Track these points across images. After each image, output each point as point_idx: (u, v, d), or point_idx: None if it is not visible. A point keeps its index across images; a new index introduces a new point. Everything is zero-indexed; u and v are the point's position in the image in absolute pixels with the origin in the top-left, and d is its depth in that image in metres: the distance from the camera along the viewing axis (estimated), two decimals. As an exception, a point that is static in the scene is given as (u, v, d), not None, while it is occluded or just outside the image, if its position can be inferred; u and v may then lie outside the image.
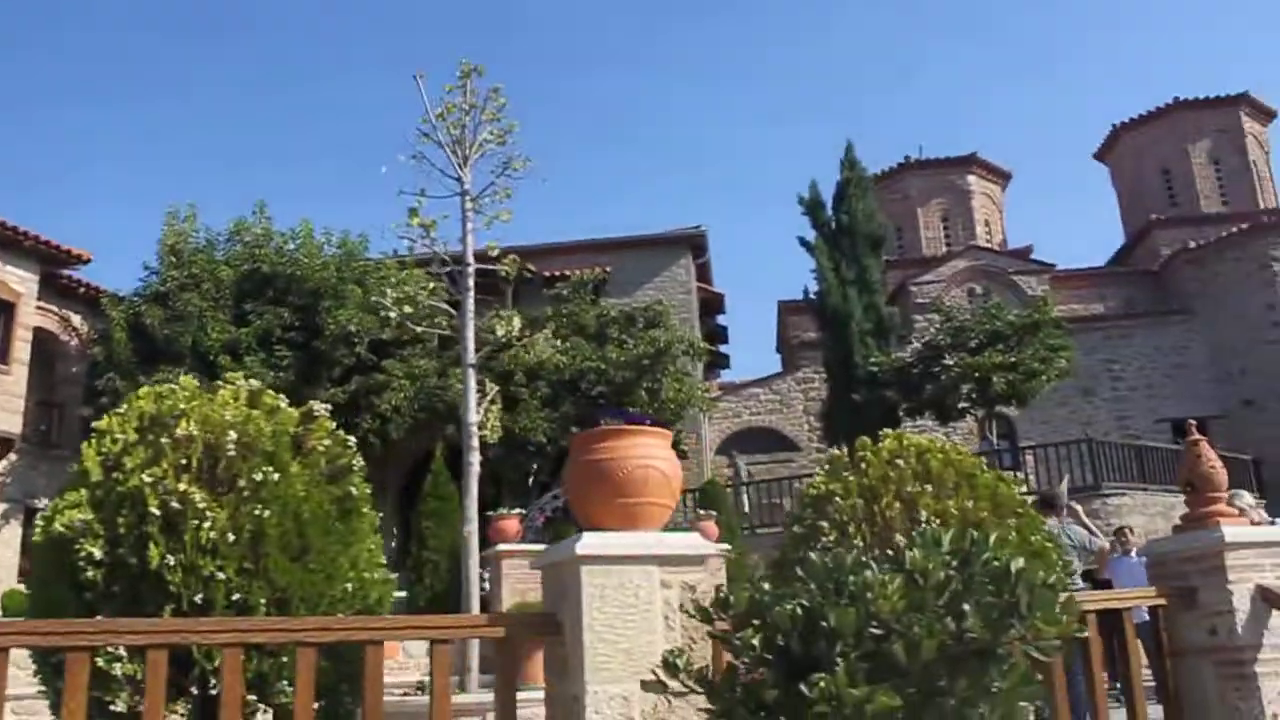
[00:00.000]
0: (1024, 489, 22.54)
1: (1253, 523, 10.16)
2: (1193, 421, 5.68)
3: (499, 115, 8.85)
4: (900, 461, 5.56)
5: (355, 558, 4.58)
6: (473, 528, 8.20)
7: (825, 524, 5.32)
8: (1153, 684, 5.80)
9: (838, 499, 5.40)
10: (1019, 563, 2.57)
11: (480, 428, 8.59)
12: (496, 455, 22.88)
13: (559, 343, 23.54)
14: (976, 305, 26.17)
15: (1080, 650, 5.07)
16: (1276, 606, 4.92)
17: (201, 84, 75.25)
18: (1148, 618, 5.78)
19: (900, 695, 2.37)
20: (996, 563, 2.56)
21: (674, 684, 2.83)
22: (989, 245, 32.67)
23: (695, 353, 23.01)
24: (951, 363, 22.64)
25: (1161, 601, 5.20)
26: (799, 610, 2.54)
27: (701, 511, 18.31)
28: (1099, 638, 4.95)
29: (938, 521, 5.21)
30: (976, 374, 22.25)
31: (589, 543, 3.80)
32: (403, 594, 14.65)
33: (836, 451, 5.84)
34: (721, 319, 33.60)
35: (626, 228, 30.72)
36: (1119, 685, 8.28)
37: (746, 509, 23.94)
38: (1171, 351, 29.09)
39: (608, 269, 26.96)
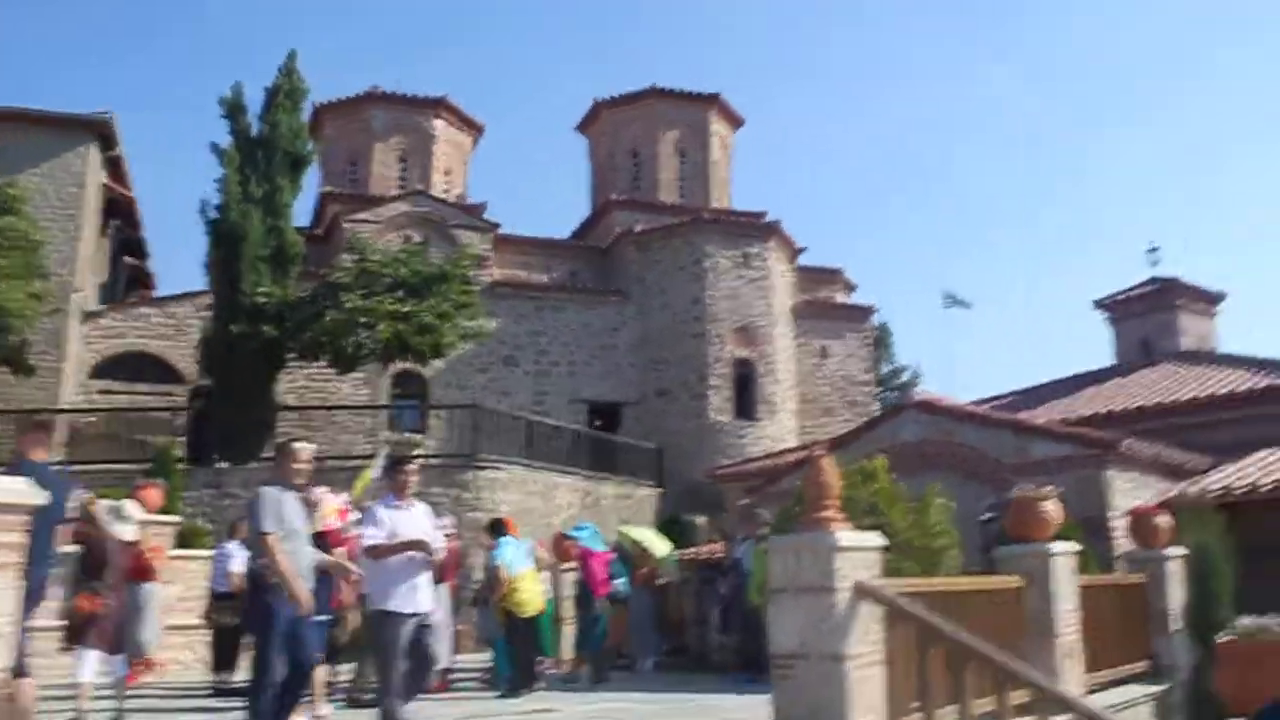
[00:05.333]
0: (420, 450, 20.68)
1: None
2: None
3: None
4: None
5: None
6: None
7: None
8: None
9: None
10: None
11: None
12: None
13: None
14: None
15: None
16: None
17: None
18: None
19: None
20: None
21: None
22: (444, 195, 30.77)
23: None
24: (348, 305, 20.37)
25: None
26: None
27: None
28: None
29: None
30: (363, 320, 20.11)
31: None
32: None
33: None
34: (154, 230, 29.49)
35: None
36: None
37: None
38: (602, 332, 28.59)
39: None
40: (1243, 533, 12.25)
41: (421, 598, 7.02)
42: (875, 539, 6.06)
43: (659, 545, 13.19)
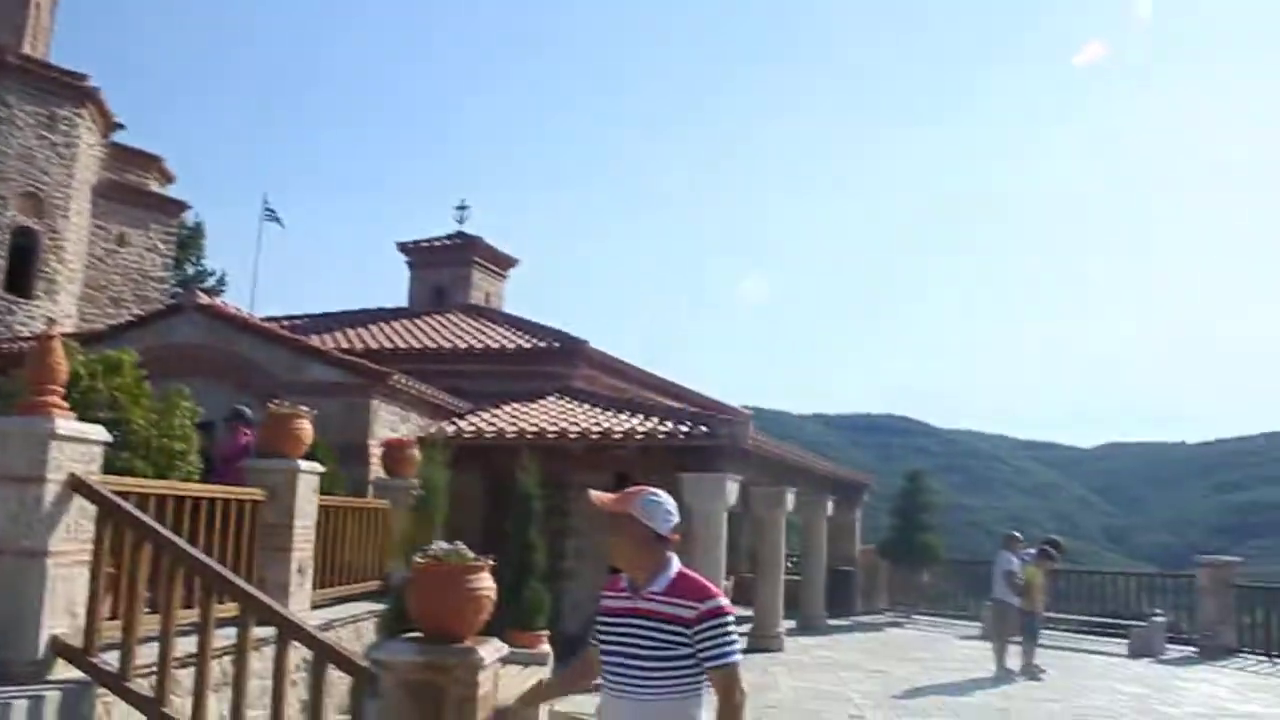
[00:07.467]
0: None
1: None
2: None
3: None
4: None
5: None
6: None
7: None
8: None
9: None
10: None
11: None
12: None
13: None
14: None
15: None
16: None
17: None
18: None
19: None
20: None
21: None
22: None
23: None
24: None
25: None
26: None
27: None
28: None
29: None
30: None
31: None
32: None
33: None
34: None
35: None
36: None
37: None
38: None
39: None
40: (494, 472, 13.48)
41: None
42: (100, 432, 5.74)
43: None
